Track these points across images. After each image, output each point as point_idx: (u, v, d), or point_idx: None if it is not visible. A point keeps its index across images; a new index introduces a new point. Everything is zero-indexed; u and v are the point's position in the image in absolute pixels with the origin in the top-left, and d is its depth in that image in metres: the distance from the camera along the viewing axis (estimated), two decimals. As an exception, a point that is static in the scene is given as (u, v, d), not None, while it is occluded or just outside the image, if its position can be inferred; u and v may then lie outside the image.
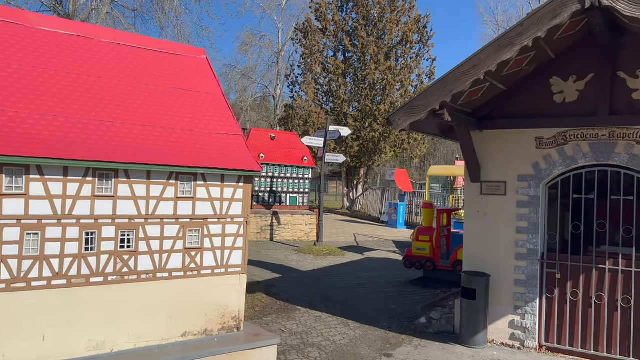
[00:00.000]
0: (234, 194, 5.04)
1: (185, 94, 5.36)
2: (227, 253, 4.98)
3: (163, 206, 4.55)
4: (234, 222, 5.06)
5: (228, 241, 4.99)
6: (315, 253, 15.29)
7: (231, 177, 4.98)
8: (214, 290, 4.84)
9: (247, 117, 57.82)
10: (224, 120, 5.47)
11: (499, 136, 7.69)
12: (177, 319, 4.66)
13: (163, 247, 4.58)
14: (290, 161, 18.62)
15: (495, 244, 7.65)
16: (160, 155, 4.46)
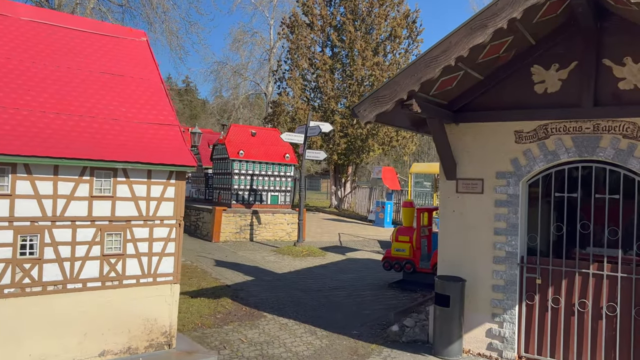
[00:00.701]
0: (164, 193, 4.45)
1: (115, 80, 4.76)
2: (156, 260, 4.39)
3: (75, 206, 3.95)
4: (164, 225, 4.48)
5: (157, 246, 4.40)
6: (294, 254, 14.69)
7: (160, 172, 4.39)
8: (140, 302, 4.24)
9: (240, 115, 57.15)
10: (158, 109, 4.87)
11: (476, 130, 7.11)
12: (93, 336, 4.06)
13: (75, 254, 3.98)
14: (272, 158, 18.01)
15: (471, 246, 7.07)
16: (71, 147, 3.86)
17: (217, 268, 12.34)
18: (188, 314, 8.08)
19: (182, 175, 4.56)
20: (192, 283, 10.31)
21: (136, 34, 5.43)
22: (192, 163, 4.46)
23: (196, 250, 14.91)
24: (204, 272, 11.72)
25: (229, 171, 17.48)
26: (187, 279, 10.67)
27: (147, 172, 4.30)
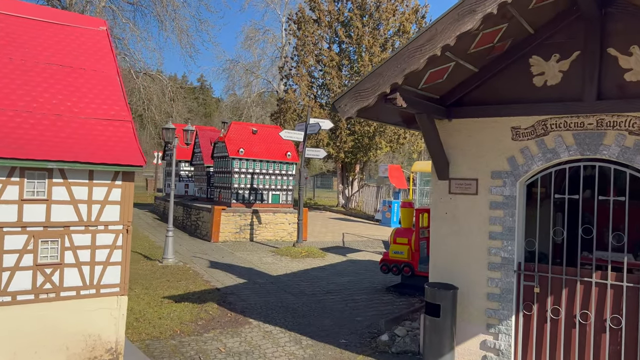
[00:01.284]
0: (108, 195, 4.06)
1: (63, 71, 4.38)
2: (99, 270, 4.00)
3: (1, 211, 3.56)
4: (109, 231, 4.09)
5: (100, 255, 4.01)
6: (292, 255, 14.27)
7: (104, 173, 4.00)
8: (81, 316, 3.86)
9: (252, 113, 56.94)
10: (109, 103, 4.48)
11: (470, 126, 6.60)
12: (24, 355, 3.69)
13: (2, 264, 3.60)
14: (273, 156, 17.60)
15: (465, 252, 6.58)
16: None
17: (210, 270, 11.97)
18: (167, 320, 7.71)
19: (130, 175, 4.16)
20: (180, 286, 9.95)
21: (95, 23, 5.05)
22: (139, 162, 4.05)
23: (193, 251, 14.57)
24: (196, 274, 11.35)
25: (229, 170, 17.12)
26: (175, 282, 10.31)
27: (88, 172, 3.91)
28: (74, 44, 4.62)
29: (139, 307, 8.27)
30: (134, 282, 10.09)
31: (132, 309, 8.14)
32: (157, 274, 10.92)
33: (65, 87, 4.32)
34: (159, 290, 9.43)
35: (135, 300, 8.62)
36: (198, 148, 20.44)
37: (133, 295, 8.94)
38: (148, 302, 8.59)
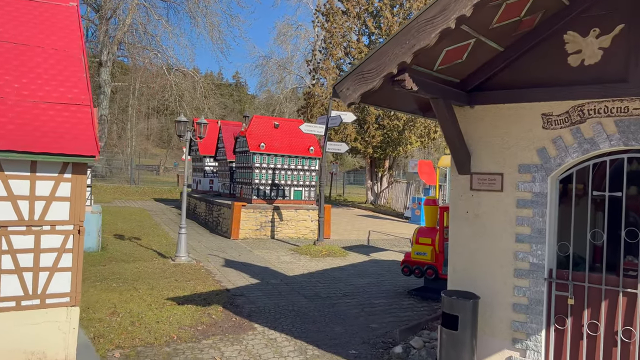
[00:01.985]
0: (55, 190, 3.55)
1: (16, 49, 3.90)
2: (45, 277, 3.50)
3: None
4: (56, 232, 3.58)
5: (46, 259, 3.51)
6: (312, 254, 13.66)
7: (49, 164, 3.49)
8: (21, 331, 3.36)
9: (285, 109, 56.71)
10: (67, 86, 3.98)
11: (495, 113, 5.81)
12: (-46, 374, 3.21)
13: None
14: (295, 151, 17.02)
15: (488, 256, 5.81)
16: None
17: (224, 269, 11.49)
18: (165, 325, 7.21)
19: (81, 168, 3.64)
20: (187, 287, 9.48)
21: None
22: (90, 152, 3.53)
23: (210, 248, 14.15)
24: (207, 273, 10.89)
25: (250, 165, 16.64)
26: (184, 282, 9.86)
27: (30, 163, 3.40)
28: (36, 21, 4.14)
29: (138, 309, 7.82)
30: (141, 281, 9.69)
31: (130, 311, 7.70)
32: (166, 273, 10.50)
33: (15, 67, 3.85)
34: (164, 291, 8.98)
35: (136, 302, 8.18)
36: (221, 143, 20.08)
37: (136, 296, 8.51)
38: (149, 303, 8.14)
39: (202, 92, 48.23)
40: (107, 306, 7.84)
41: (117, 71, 49.64)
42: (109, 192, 29.54)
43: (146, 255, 12.50)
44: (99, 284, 9.33)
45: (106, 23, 44.49)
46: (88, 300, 8.10)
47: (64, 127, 3.73)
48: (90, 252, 12.05)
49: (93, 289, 8.80)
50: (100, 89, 44.83)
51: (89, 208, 12.35)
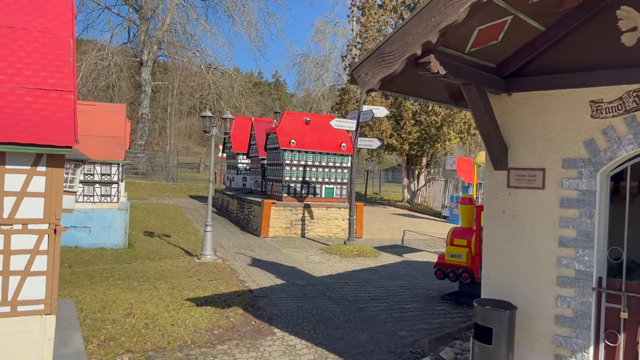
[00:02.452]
0: (27, 184, 3.22)
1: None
2: (16, 282, 3.18)
3: None
4: (29, 231, 3.25)
5: (17, 262, 3.18)
6: (342, 253, 13.17)
7: (20, 156, 3.16)
8: (-9, 340, 3.03)
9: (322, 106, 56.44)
10: (50, 70, 3.67)
11: (535, 101, 5.18)
12: None
13: None
14: (327, 148, 16.56)
15: (527, 261, 5.19)
16: None
17: (250, 268, 11.15)
18: (180, 328, 6.89)
19: (58, 160, 3.30)
20: (209, 286, 9.17)
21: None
22: (66, 142, 3.17)
23: (239, 246, 13.88)
24: (232, 272, 10.57)
25: (280, 162, 16.29)
26: (206, 282, 9.56)
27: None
28: (24, 2, 3.85)
29: (155, 310, 7.54)
30: (163, 280, 9.45)
31: (147, 312, 7.42)
32: (190, 272, 10.25)
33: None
34: (185, 291, 8.70)
35: (154, 302, 7.91)
36: (253, 140, 19.84)
37: (155, 296, 8.25)
38: (167, 304, 7.85)
39: (239, 91, 48.50)
40: (124, 306, 7.59)
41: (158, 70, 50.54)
42: (147, 189, 29.90)
43: (173, 252, 12.32)
44: (120, 282, 9.14)
45: (146, 23, 45.27)
46: (106, 299, 7.89)
47: (40, 115, 3.42)
48: (116, 249, 11.98)
49: (113, 288, 8.60)
50: (141, 88, 45.67)
51: (116, 205, 12.27)
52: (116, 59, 43.04)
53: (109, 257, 11.22)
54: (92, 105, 13.21)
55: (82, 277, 9.29)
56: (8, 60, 3.58)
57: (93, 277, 9.41)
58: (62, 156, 3.26)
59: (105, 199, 12.05)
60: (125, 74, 45.19)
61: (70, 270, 9.81)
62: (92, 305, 7.54)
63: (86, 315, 7.05)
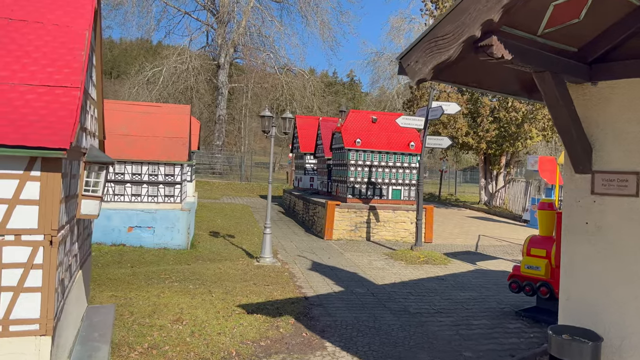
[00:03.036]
0: (20, 191, 2.93)
1: (10, 26, 3.39)
2: (7, 298, 2.90)
3: None
4: (22, 243, 2.96)
5: (9, 277, 2.91)
6: (408, 260, 12.42)
7: (11, 160, 2.88)
8: (-22, 364, 2.77)
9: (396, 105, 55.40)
10: (58, 66, 3.42)
11: (628, 91, 4.30)
12: None
13: None
14: (394, 147, 15.83)
15: (617, 283, 4.33)
16: None
17: (309, 273, 10.74)
18: (227, 337, 6.57)
19: (53, 164, 3.00)
20: (264, 292, 8.84)
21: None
22: (60, 144, 2.85)
23: (301, 249, 13.52)
24: (290, 277, 10.20)
25: (345, 162, 15.78)
26: (262, 286, 9.24)
27: (-15, 158, 2.80)
28: (43, -7, 3.63)
29: (205, 316, 7.29)
30: (219, 283, 9.25)
31: (195, 318, 7.19)
32: (247, 276, 10.00)
33: (3, 46, 3.34)
34: (238, 296, 8.42)
35: (205, 307, 7.68)
36: (320, 140, 19.49)
37: (207, 301, 8.03)
38: (218, 310, 7.59)
39: (311, 91, 48.62)
40: (174, 311, 7.42)
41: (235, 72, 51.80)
42: (220, 188, 30.55)
43: (234, 254, 12.19)
44: (176, 284, 9.05)
45: (223, 27, 46.55)
46: (158, 303, 7.77)
47: (39, 113, 3.16)
48: (179, 249, 12.03)
49: (168, 291, 8.50)
50: (218, 91, 47.02)
51: (179, 205, 12.34)
52: (194, 62, 44.55)
53: (170, 258, 11.27)
54: (157, 107, 13.43)
55: (141, 278, 9.31)
56: (14, 55, 3.37)
57: (151, 278, 9.40)
58: (59, 160, 2.96)
59: (168, 199, 12.17)
60: (203, 76, 46.72)
61: (131, 271, 9.89)
62: (143, 309, 7.42)
63: (134, 320, 6.93)
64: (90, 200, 4.14)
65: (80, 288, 4.81)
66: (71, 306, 4.22)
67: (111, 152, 11.93)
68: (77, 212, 4.08)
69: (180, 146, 12.39)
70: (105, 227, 11.73)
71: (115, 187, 12.00)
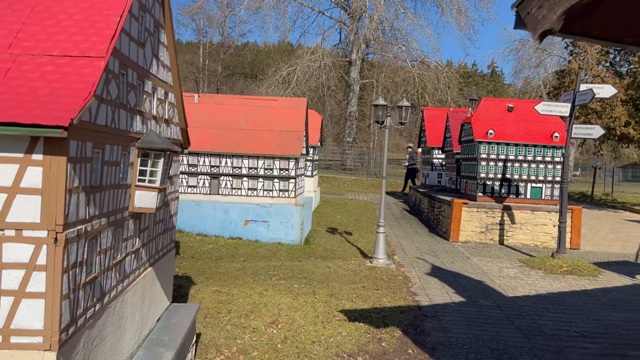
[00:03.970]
0: (21, 178, 2.49)
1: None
2: (8, 304, 2.47)
3: None
4: (23, 239, 2.51)
5: (9, 279, 2.46)
6: (548, 269, 10.70)
7: (9, 140, 2.45)
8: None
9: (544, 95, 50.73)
10: (88, 33, 3.00)
11: None
12: None
13: None
14: (533, 139, 13.92)
15: None
16: None
17: (426, 278, 9.68)
18: (321, 347, 5.92)
19: (58, 145, 2.51)
20: (371, 297, 8.04)
21: None
22: (57, 120, 2.34)
23: (421, 250, 12.43)
24: (405, 281, 9.25)
25: (475, 156, 14.26)
26: (370, 290, 8.45)
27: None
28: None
29: (302, 320, 6.73)
30: (325, 284, 8.65)
31: (292, 322, 6.65)
32: (357, 277, 9.26)
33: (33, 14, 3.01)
34: (343, 300, 7.74)
35: (305, 310, 7.13)
36: (449, 132, 18.05)
37: (309, 303, 7.48)
38: (318, 314, 6.98)
39: (445, 83, 46.42)
40: (272, 312, 6.97)
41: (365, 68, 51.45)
42: (347, 184, 30.33)
43: (347, 253, 11.54)
44: (282, 282, 8.65)
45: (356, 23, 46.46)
46: (258, 302, 7.40)
47: (51, 86, 2.75)
48: (292, 245, 11.73)
49: (272, 289, 8.12)
50: (350, 87, 47.10)
51: (293, 200, 12.03)
52: (326, 60, 45.06)
53: (283, 253, 10.98)
54: (274, 100, 13.31)
55: (249, 274, 9.09)
56: (44, 23, 3.05)
57: (258, 274, 9.13)
58: (64, 140, 2.50)
59: (283, 193, 11.94)
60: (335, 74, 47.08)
61: (241, 265, 9.75)
62: (242, 308, 7.09)
63: (229, 320, 6.60)
64: (145, 192, 3.73)
65: (151, 288, 4.51)
66: (128, 310, 3.89)
67: (230, 147, 12.04)
68: (130, 204, 3.72)
69: (295, 140, 12.08)
70: (223, 220, 11.86)
71: (233, 180, 12.08)
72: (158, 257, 4.81)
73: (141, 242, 4.18)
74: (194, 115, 12.49)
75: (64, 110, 2.50)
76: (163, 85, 4.46)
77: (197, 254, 10.44)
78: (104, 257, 3.27)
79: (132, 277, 4.00)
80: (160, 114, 4.42)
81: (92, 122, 2.87)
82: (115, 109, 3.26)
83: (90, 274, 3.04)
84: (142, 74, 3.83)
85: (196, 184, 12.10)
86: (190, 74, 54.79)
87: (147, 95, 3.99)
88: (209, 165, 12.02)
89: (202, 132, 12.15)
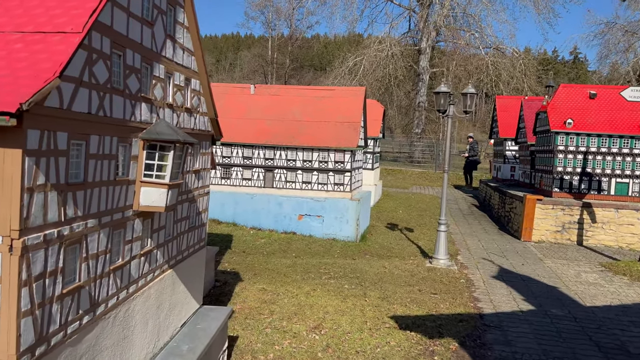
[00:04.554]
0: None
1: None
2: None
3: None
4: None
5: None
6: (634, 274, 9.50)
7: None
8: None
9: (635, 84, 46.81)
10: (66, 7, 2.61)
11: None
12: None
13: None
14: (620, 129, 12.46)
15: None
16: None
17: (492, 282, 8.83)
18: (366, 359, 5.37)
19: (12, 136, 2.12)
20: (427, 302, 7.37)
21: None
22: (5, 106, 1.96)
23: (488, 250, 11.48)
24: (467, 285, 8.47)
25: (551, 148, 13.02)
26: (427, 294, 7.77)
27: None
28: None
29: (348, 326, 6.22)
30: (378, 285, 8.06)
31: (337, 327, 6.16)
32: (413, 279, 8.59)
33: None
34: (395, 305, 7.13)
35: (353, 315, 6.60)
36: (522, 123, 16.71)
37: (358, 306, 6.94)
38: (366, 320, 6.44)
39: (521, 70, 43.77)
40: (317, 315, 6.51)
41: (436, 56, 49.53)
42: (413, 177, 29.33)
43: (406, 251, 10.85)
44: (332, 281, 8.17)
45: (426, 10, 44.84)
46: (304, 303, 6.96)
47: (14, 66, 2.41)
48: (347, 241, 11.19)
49: (320, 289, 7.66)
50: (419, 77, 45.62)
51: (349, 194, 11.47)
52: (394, 49, 43.80)
53: (336, 250, 10.48)
54: (330, 90, 12.76)
55: (298, 271, 8.68)
56: None
57: (309, 272, 8.70)
58: (18, 130, 2.11)
59: (338, 187, 11.42)
60: (402, 63, 45.68)
61: (292, 262, 9.36)
62: (286, 309, 6.68)
63: (271, 322, 6.21)
64: (152, 188, 3.36)
65: (172, 291, 4.16)
66: (138, 318, 3.55)
67: (284, 139, 11.67)
68: (135, 202, 3.37)
69: (352, 131, 11.49)
70: (277, 214, 11.54)
71: (287, 173, 11.71)
72: (181, 257, 4.47)
73: (155, 243, 3.84)
74: (249, 107, 12.26)
75: (15, 94, 2.14)
76: (183, 71, 4.08)
77: (248, 248, 10.18)
78: (95, 263, 2.93)
79: (141, 282, 3.66)
80: (179, 103, 4.05)
81: (64, 108, 2.51)
82: (105, 95, 2.90)
83: (71, 284, 2.71)
84: (149, 57, 3.46)
85: (251, 177, 11.86)
86: (259, 67, 55.41)
87: (158, 81, 3.62)
88: (263, 158, 11.74)
89: (256, 124, 11.89)
